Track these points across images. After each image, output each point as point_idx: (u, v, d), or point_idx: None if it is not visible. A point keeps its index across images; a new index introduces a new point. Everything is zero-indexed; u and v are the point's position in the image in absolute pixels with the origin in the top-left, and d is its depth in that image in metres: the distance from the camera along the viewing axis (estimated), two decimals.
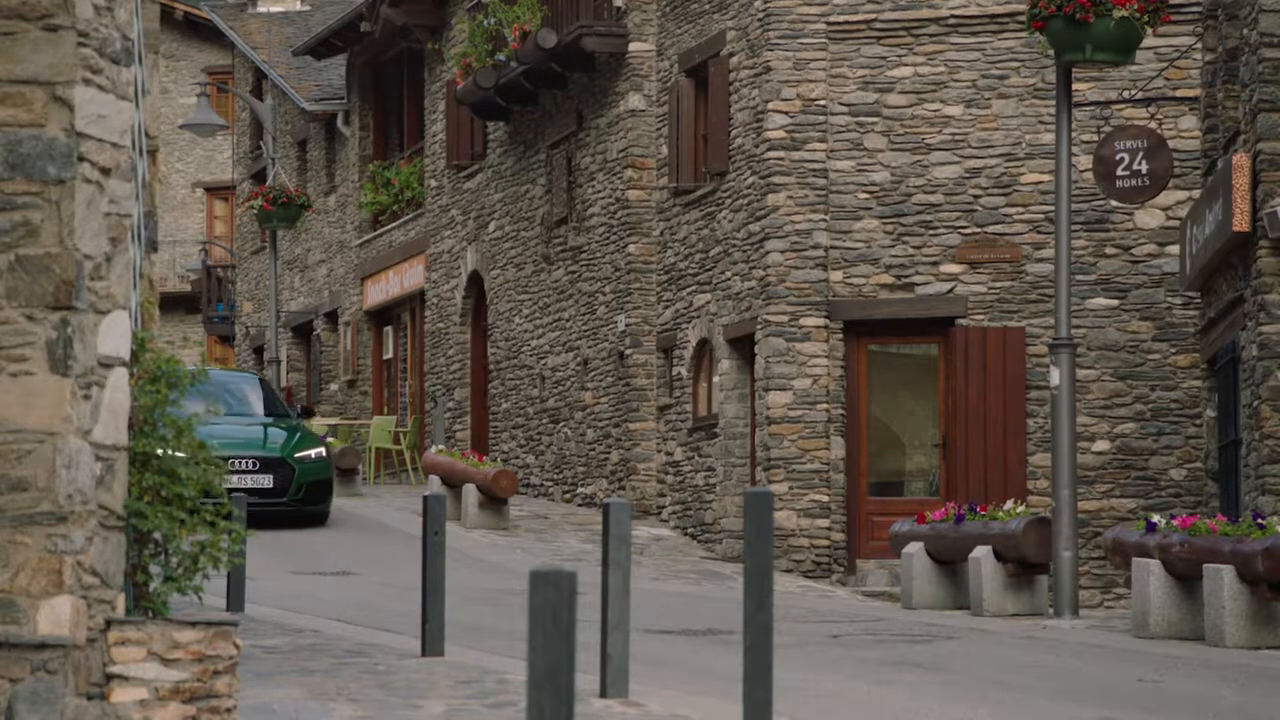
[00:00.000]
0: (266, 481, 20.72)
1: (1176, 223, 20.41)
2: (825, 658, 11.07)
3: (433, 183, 31.51)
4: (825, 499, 21.25)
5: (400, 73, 33.38)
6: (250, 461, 20.69)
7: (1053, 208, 17.85)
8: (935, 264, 21.45)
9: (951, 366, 21.34)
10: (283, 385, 34.50)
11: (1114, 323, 21.09)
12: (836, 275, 21.59)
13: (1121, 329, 21.08)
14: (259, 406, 22.18)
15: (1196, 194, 19.49)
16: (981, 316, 21.31)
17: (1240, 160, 16.24)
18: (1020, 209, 21.31)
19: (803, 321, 21.50)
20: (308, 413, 24.43)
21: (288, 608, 13.78)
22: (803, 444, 21.32)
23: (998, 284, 21.33)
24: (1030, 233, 21.24)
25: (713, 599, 16.33)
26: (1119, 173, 17.87)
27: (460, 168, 30.30)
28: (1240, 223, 16.12)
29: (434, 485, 24.86)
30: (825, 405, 21.39)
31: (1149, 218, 21.00)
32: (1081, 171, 19.87)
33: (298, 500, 21.09)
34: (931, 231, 21.48)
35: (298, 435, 21.52)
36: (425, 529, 10.23)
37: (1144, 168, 17.74)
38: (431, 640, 10.15)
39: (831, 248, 21.60)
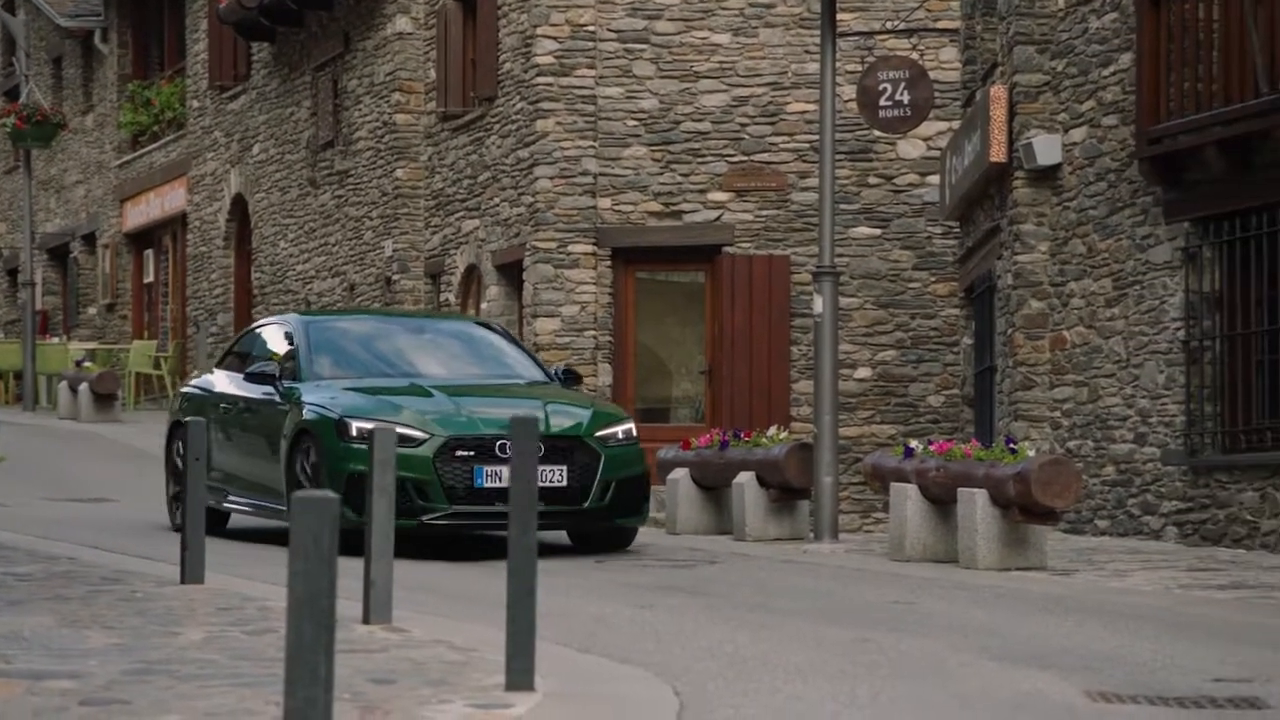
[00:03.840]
0: (557, 476, 12.56)
1: (937, 153, 20.77)
2: (589, 583, 11.13)
3: (195, 104, 30.86)
4: None
5: None
6: None
7: (817, 137, 18.03)
8: (703, 192, 21.59)
9: (718, 294, 21.53)
10: (37, 309, 33.64)
11: (876, 251, 21.42)
12: (605, 202, 21.62)
13: (883, 257, 21.42)
14: (499, 364, 14.20)
15: (956, 125, 19.84)
16: (748, 244, 21.51)
17: (998, 92, 16.55)
18: (786, 138, 21.52)
19: (571, 248, 21.51)
20: (574, 377, 14.31)
21: (42, 535, 13.49)
22: None
23: (764, 212, 21.54)
24: (795, 161, 21.46)
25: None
26: (882, 103, 18.09)
27: (223, 89, 29.71)
28: (997, 154, 16.44)
29: None
30: (593, 332, 21.44)
31: (910, 148, 21.34)
32: (845, 101, 20.10)
33: (603, 507, 12.75)
34: (699, 159, 21.59)
35: (592, 406, 13.46)
36: (186, 455, 10.06)
37: (906, 98, 17.98)
38: (191, 567, 10.01)
39: (600, 175, 21.61)
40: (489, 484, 12.43)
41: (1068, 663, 7.74)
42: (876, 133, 20.27)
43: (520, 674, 6.54)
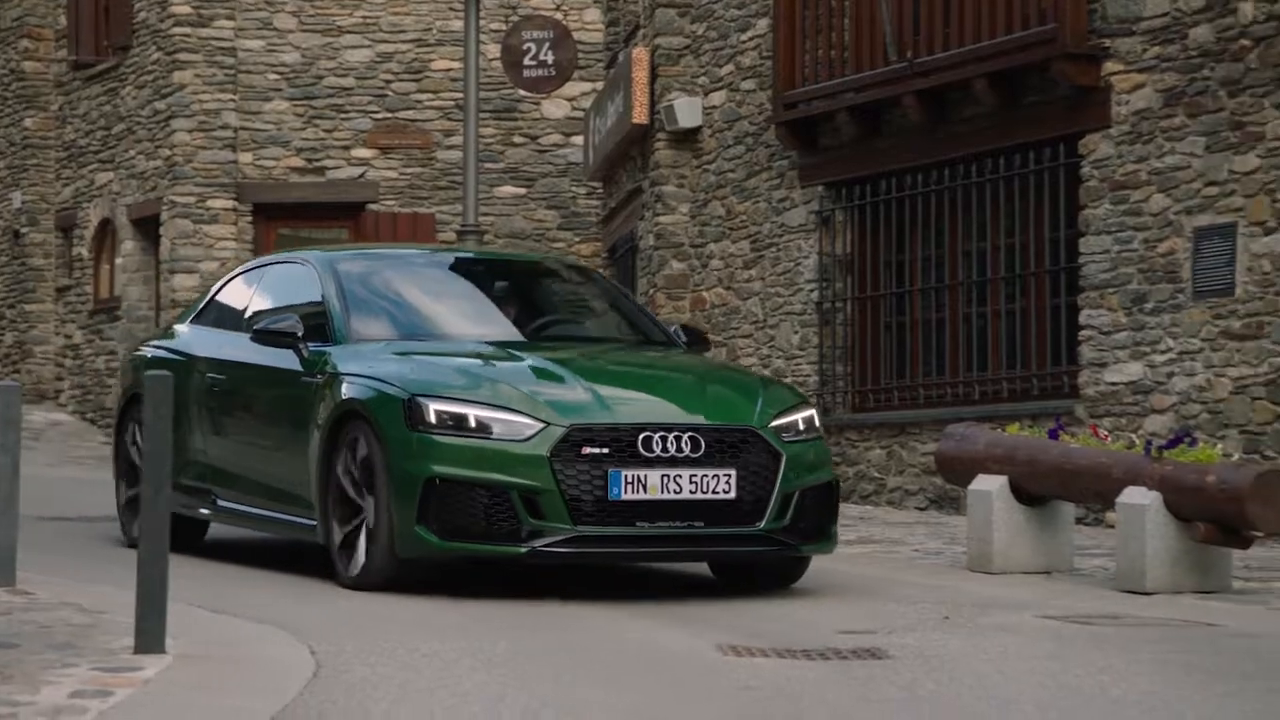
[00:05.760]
0: (722, 485, 8.53)
1: (581, 114, 20.92)
2: (232, 542, 10.95)
3: None
4: None
5: None
6: (681, 438, 8.51)
7: (462, 95, 17.99)
8: (346, 148, 21.37)
9: None
10: None
11: (521, 211, 21.49)
12: (246, 157, 21.25)
13: (528, 217, 21.51)
14: (604, 322, 10.27)
15: (600, 86, 20.00)
16: (393, 202, 21.38)
17: (639, 54, 16.73)
18: (431, 95, 21.42)
19: (210, 203, 21.09)
20: (698, 338, 10.17)
21: None
22: None
23: (409, 170, 21.42)
24: (441, 120, 21.40)
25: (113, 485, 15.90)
26: (526, 62, 18.14)
27: None
28: (639, 116, 16.64)
29: None
30: None
31: (555, 108, 21.45)
32: (490, 60, 20.10)
33: (784, 527, 8.70)
34: (343, 115, 21.37)
35: (761, 384, 9.24)
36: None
37: (550, 58, 18.07)
38: None
39: (241, 129, 21.23)
40: (629, 495, 8.36)
41: (701, 619, 7.90)
42: (521, 92, 20.33)
43: (150, 636, 6.40)
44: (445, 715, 5.58)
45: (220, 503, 9.97)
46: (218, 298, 10.71)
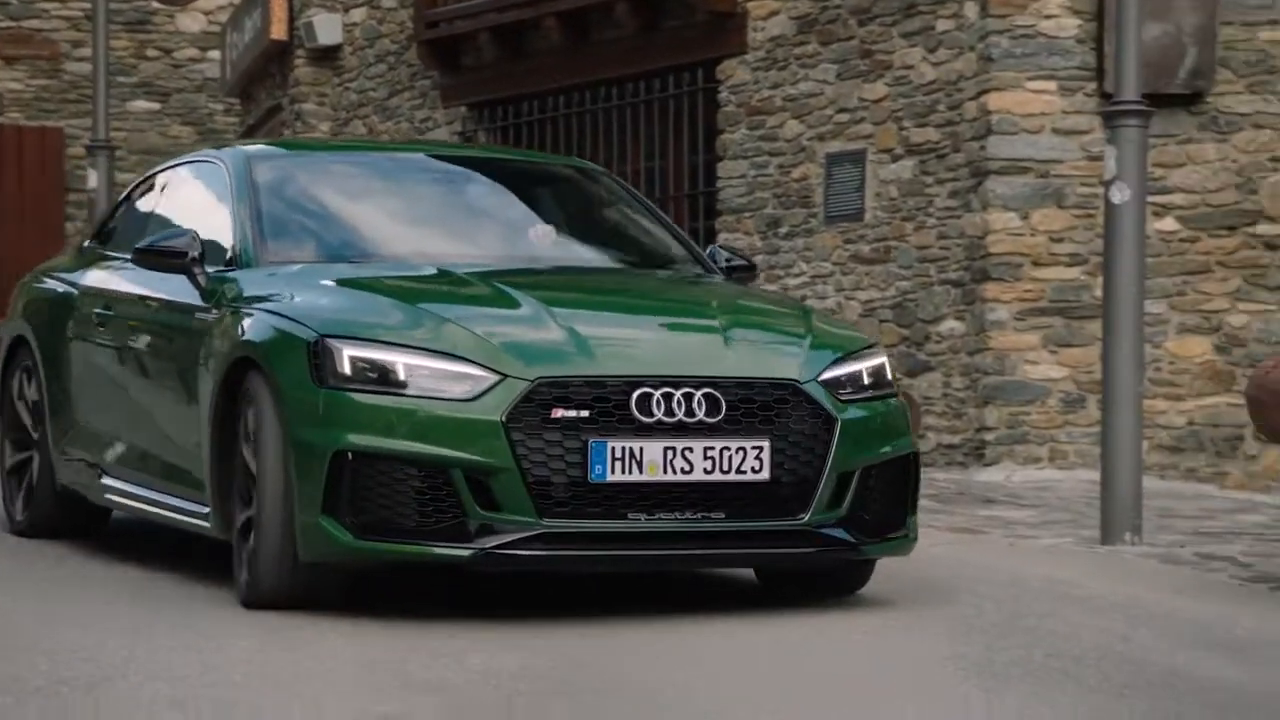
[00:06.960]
0: (751, 461, 6.03)
1: (218, 28, 20.47)
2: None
3: None
4: None
5: None
6: (693, 396, 6.02)
7: (91, 5, 17.44)
8: None
9: None
10: None
11: (155, 127, 20.97)
12: None
13: (163, 133, 21.00)
14: (614, 242, 7.61)
15: (238, 0, 19.58)
16: (18, 115, 20.66)
17: None
18: (58, 4, 20.73)
19: None
20: (743, 264, 7.45)
21: None
22: None
23: (35, 81, 20.71)
24: (69, 30, 20.72)
25: None
26: None
27: None
28: (278, 31, 16.36)
29: None
30: None
31: (191, 21, 20.94)
32: None
33: (839, 519, 6.21)
34: None
35: (809, 322, 6.55)
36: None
37: None
38: None
39: None
40: (618, 476, 5.96)
41: None
42: (155, 4, 19.80)
43: None
44: (77, 644, 5.47)
45: (105, 480, 7.39)
46: (121, 211, 8.17)
